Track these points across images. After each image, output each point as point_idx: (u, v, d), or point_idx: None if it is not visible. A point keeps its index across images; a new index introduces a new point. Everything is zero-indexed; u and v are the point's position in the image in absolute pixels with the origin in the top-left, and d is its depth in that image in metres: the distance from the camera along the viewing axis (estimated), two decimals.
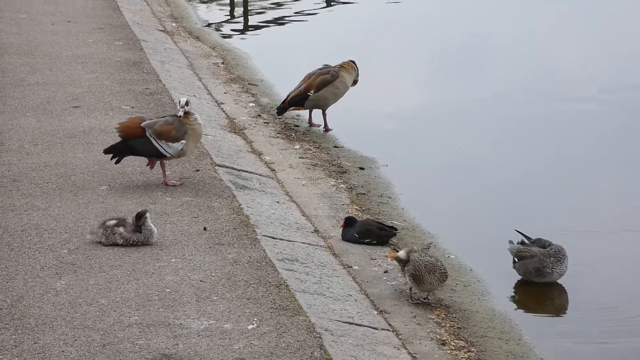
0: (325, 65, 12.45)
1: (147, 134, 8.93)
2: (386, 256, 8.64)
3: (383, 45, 17.12)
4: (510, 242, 8.58)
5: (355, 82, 12.46)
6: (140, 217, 7.84)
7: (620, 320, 7.94)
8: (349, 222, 8.98)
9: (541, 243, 8.40)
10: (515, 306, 8.17)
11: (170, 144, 8.92)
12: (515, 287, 8.49)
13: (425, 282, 7.74)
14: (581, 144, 11.90)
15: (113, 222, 7.90)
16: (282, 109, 12.35)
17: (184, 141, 8.96)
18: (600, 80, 14.73)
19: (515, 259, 8.48)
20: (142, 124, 8.94)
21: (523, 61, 15.89)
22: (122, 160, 9.20)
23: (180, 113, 8.92)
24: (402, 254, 7.88)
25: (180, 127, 8.93)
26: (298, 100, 12.23)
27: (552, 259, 8.26)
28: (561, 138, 12.13)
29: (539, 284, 8.40)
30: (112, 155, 9.11)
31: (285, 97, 12.39)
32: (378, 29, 18.33)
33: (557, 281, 8.40)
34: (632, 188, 10.60)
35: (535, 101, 13.57)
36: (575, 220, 9.72)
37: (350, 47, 16.26)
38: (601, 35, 17.71)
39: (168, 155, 8.97)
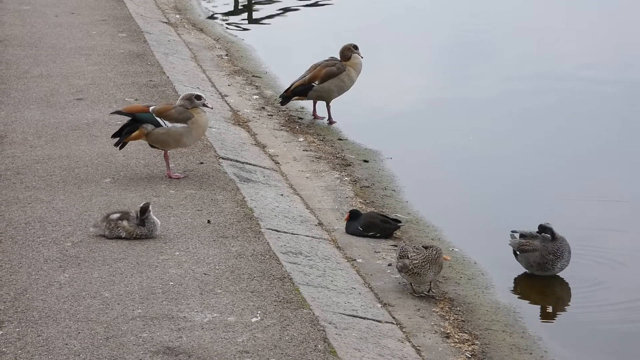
0: (332, 57, 12.42)
1: (150, 110, 9.03)
2: (389, 248, 8.64)
3: (388, 37, 17.09)
4: (512, 234, 8.56)
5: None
6: (144, 211, 7.83)
7: (624, 311, 7.94)
8: (353, 215, 8.97)
9: (547, 232, 8.39)
10: (519, 299, 8.17)
11: (167, 123, 8.97)
12: (519, 280, 8.49)
13: (425, 276, 7.75)
14: (588, 136, 11.88)
15: (116, 215, 7.89)
16: (286, 97, 12.33)
17: (185, 125, 8.98)
18: (607, 71, 14.70)
19: (517, 252, 8.48)
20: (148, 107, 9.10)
21: (529, 53, 15.85)
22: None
23: (210, 105, 9.05)
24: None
25: (182, 110, 9.00)
26: (302, 90, 12.21)
27: (551, 256, 8.26)
28: (567, 130, 12.11)
29: (543, 276, 8.40)
30: (114, 134, 9.12)
31: (289, 86, 12.36)
32: (384, 20, 18.30)
33: (561, 274, 8.39)
34: (637, 182, 10.59)
35: (542, 94, 13.54)
36: (580, 213, 9.71)
37: (355, 39, 16.21)
38: (608, 24, 17.68)
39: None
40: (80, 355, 6.17)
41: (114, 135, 9.15)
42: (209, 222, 8.19)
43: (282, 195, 9.28)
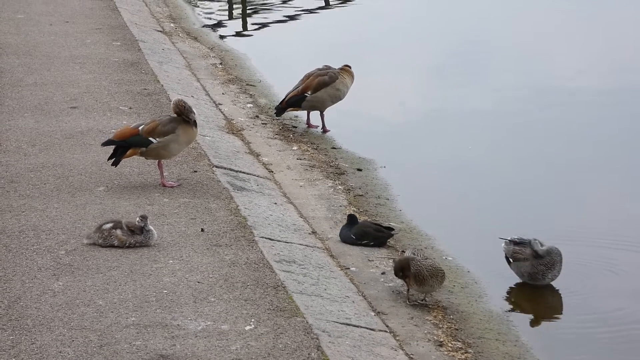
0: (326, 65, 12.43)
1: (139, 131, 9.06)
2: (383, 257, 8.65)
3: (382, 46, 17.12)
4: (504, 239, 8.58)
5: None
6: (145, 217, 7.87)
7: (617, 321, 7.95)
8: (351, 220, 8.98)
9: (533, 245, 8.40)
10: (512, 308, 8.18)
11: (157, 138, 9.02)
12: (512, 289, 8.50)
13: (426, 284, 7.76)
14: (582, 147, 11.89)
15: (109, 225, 7.89)
16: (281, 109, 12.35)
17: (173, 134, 9.03)
18: (600, 82, 14.73)
19: (510, 259, 8.49)
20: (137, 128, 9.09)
21: (523, 64, 15.88)
22: (120, 162, 9.20)
23: (193, 118, 9.06)
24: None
25: (167, 122, 9.05)
26: (295, 100, 12.22)
27: (542, 267, 8.28)
28: (561, 140, 12.12)
29: (535, 285, 8.42)
30: (110, 156, 9.15)
31: (283, 98, 12.39)
32: (378, 29, 18.33)
33: (554, 283, 8.41)
34: (631, 191, 10.61)
35: (538, 104, 13.55)
36: (573, 222, 9.72)
37: (349, 48, 16.26)
38: (601, 37, 17.72)
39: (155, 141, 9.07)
40: None
41: (109, 158, 9.17)
42: (202, 230, 8.20)
43: (275, 203, 9.30)
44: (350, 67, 12.38)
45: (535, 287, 8.41)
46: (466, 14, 19.64)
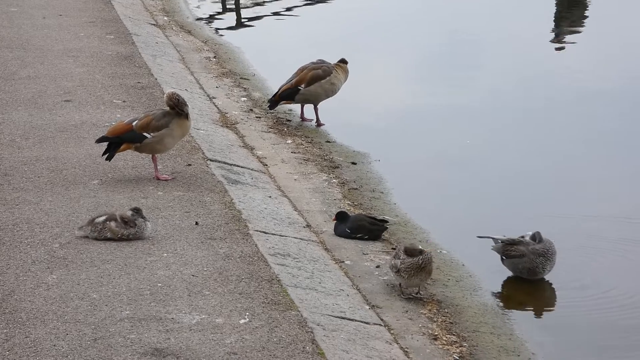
0: (320, 60, 12.41)
1: (133, 127, 9.06)
2: (378, 250, 8.65)
3: (377, 40, 17.10)
4: (493, 239, 8.59)
5: None
6: (139, 210, 7.86)
7: (611, 313, 7.96)
8: (341, 217, 8.97)
9: (522, 241, 8.39)
10: (507, 301, 8.18)
11: (151, 133, 9.00)
12: (506, 283, 8.50)
13: (416, 277, 7.76)
14: (577, 141, 11.89)
15: (102, 218, 7.87)
16: (274, 102, 12.32)
17: (167, 128, 9.01)
18: (598, 75, 14.72)
19: (503, 257, 8.49)
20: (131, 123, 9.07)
21: (518, 58, 15.88)
22: (114, 157, 9.18)
23: (187, 110, 9.06)
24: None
25: (161, 117, 9.03)
26: (289, 94, 12.19)
27: (541, 258, 8.27)
28: (557, 135, 12.13)
29: (531, 279, 8.42)
30: (104, 152, 9.14)
31: (276, 91, 12.37)
32: (372, 23, 18.31)
33: (549, 276, 8.42)
34: (626, 186, 10.62)
35: (534, 99, 13.54)
36: (568, 216, 9.72)
37: (343, 42, 16.24)
38: (598, 30, 17.74)
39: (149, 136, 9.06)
40: (68, 357, 6.16)
41: (103, 154, 9.15)
42: (197, 223, 8.18)
43: (270, 197, 9.29)
44: (346, 61, 12.36)
45: (531, 280, 8.42)
46: (463, 8, 19.61)
